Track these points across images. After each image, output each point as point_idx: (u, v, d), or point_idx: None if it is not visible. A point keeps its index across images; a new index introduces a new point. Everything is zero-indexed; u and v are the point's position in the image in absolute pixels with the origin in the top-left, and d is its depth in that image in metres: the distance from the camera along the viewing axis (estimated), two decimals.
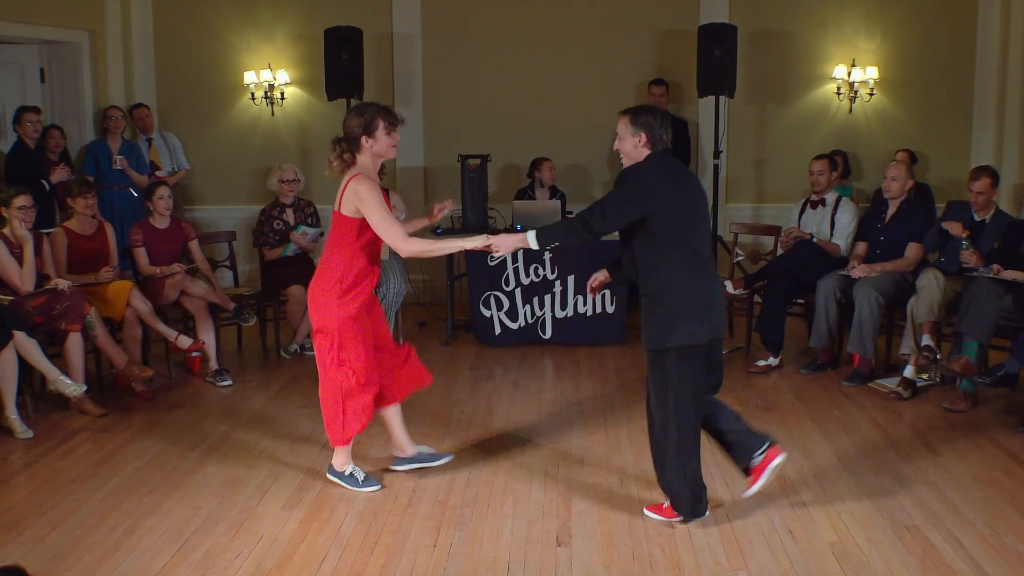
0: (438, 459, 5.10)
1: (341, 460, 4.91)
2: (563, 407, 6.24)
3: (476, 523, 4.47)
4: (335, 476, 4.93)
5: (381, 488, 4.86)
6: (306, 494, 4.84)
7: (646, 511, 4.51)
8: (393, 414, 5.03)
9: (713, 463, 4.89)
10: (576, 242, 4.47)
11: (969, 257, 6.27)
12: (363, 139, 4.67)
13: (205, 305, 6.98)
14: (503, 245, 4.49)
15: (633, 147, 4.34)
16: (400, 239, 4.54)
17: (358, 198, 4.54)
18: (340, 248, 4.67)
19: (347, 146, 4.71)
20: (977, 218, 6.58)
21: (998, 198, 7.04)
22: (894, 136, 9.55)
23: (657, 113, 4.39)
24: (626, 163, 4.36)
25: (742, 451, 4.52)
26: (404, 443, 5.08)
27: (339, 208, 4.66)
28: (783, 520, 4.46)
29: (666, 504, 4.46)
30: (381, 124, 4.66)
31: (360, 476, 4.89)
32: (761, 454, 4.47)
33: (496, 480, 4.98)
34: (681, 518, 4.41)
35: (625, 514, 4.55)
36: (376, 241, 4.68)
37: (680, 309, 4.21)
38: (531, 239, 4.39)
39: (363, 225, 4.61)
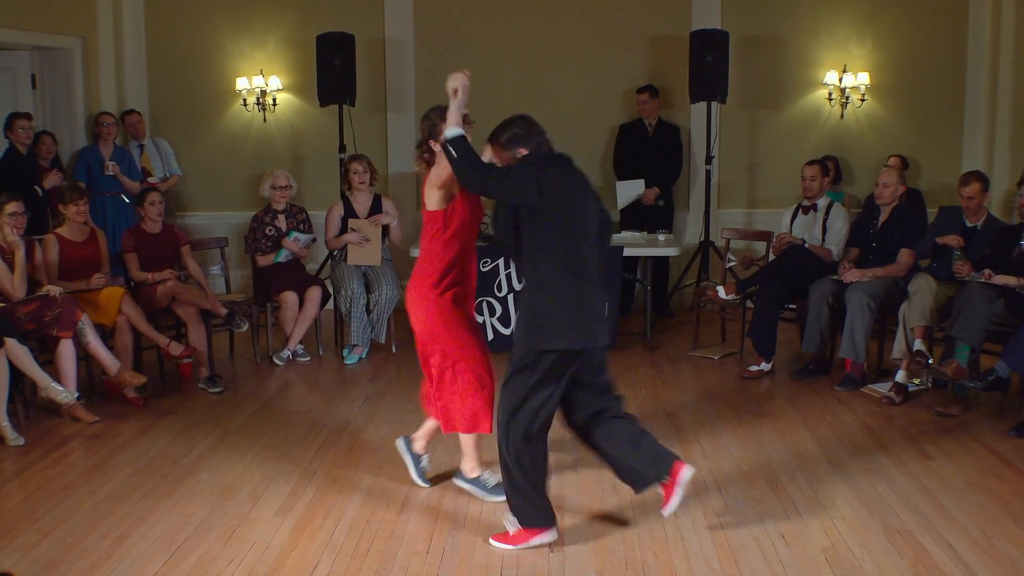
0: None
1: (470, 464, 4.87)
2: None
3: (468, 529, 4.47)
4: (464, 482, 4.89)
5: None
6: (298, 500, 4.83)
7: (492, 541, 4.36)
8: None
9: (703, 468, 4.88)
10: (462, 173, 4.45)
11: (961, 267, 6.27)
12: (431, 142, 4.80)
13: (197, 311, 6.96)
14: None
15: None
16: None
17: (433, 177, 4.65)
18: (432, 243, 4.68)
19: (425, 148, 4.87)
20: (969, 224, 6.60)
21: (989, 203, 7.05)
22: (886, 142, 9.56)
23: (517, 121, 4.55)
24: None
25: (640, 479, 4.38)
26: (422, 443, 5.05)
27: (424, 206, 4.73)
28: (776, 525, 4.46)
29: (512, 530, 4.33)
30: (441, 126, 4.76)
31: (491, 482, 4.84)
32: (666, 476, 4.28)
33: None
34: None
35: (618, 520, 4.55)
36: (464, 229, 4.67)
37: (553, 312, 4.14)
38: (450, 133, 4.55)
39: (448, 215, 4.64)
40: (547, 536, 4.27)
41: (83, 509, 4.74)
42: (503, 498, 4.44)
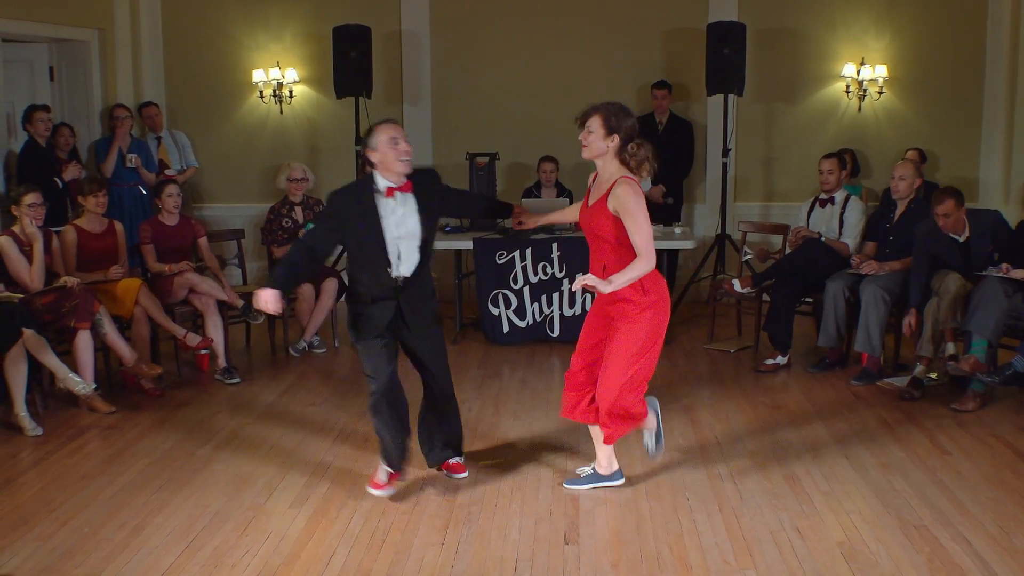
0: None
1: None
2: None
3: (484, 521, 4.48)
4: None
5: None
6: (314, 492, 4.85)
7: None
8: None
9: (723, 457, 4.87)
10: None
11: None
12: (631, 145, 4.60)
13: (214, 303, 6.99)
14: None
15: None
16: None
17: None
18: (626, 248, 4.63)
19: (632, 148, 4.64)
20: (960, 239, 6.48)
21: (995, 191, 6.93)
22: (903, 135, 9.52)
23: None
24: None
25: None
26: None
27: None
28: (791, 519, 4.45)
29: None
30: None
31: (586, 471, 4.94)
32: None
33: (504, 478, 4.99)
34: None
35: (633, 512, 4.55)
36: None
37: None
38: None
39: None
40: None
41: (100, 499, 4.77)
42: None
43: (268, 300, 4.47)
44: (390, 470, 4.77)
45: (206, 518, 4.54)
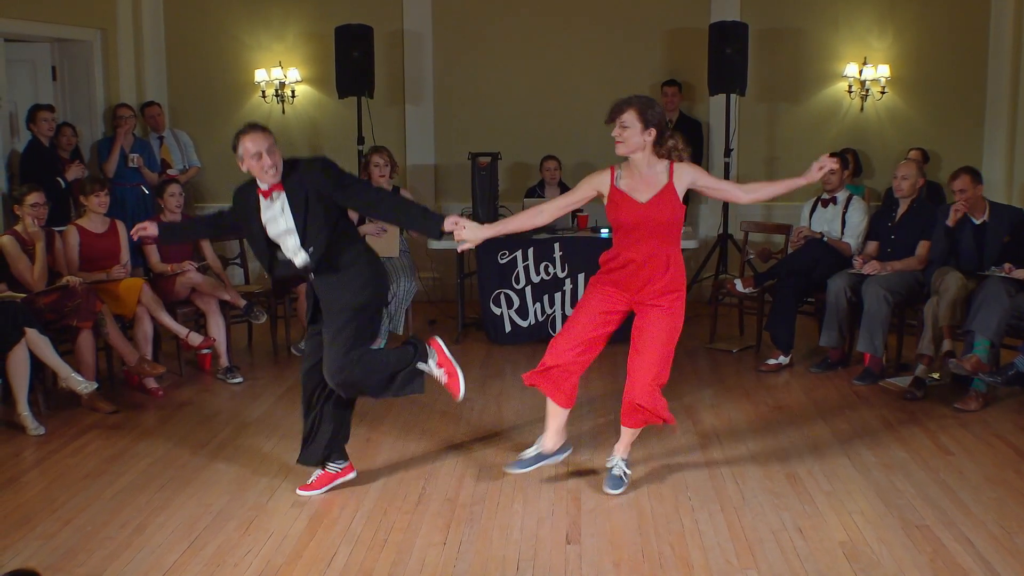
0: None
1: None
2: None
3: (486, 521, 4.48)
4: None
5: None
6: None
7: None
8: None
9: (727, 460, 4.86)
10: None
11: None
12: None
13: (216, 302, 6.99)
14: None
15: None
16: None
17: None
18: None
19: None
20: (977, 221, 6.51)
21: (999, 189, 6.95)
22: (905, 135, 9.52)
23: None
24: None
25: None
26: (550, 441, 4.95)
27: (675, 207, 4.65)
28: (793, 519, 4.45)
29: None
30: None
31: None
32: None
33: (506, 478, 4.98)
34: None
35: (635, 512, 4.55)
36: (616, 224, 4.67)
37: None
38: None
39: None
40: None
41: (102, 498, 4.77)
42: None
43: (147, 229, 5.12)
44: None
45: (208, 517, 4.54)
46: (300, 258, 4.62)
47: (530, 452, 4.93)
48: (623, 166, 4.62)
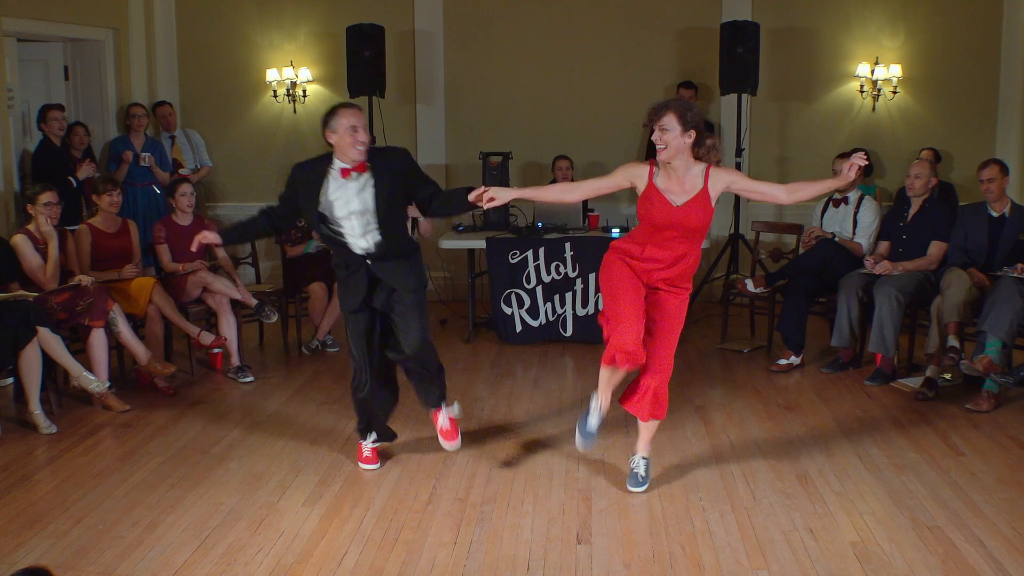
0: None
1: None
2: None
3: (496, 521, 4.48)
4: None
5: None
6: (327, 490, 4.86)
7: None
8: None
9: (745, 458, 4.85)
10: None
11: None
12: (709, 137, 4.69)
13: (227, 301, 7.00)
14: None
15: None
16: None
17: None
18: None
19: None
20: (995, 214, 6.51)
21: (1010, 189, 6.95)
22: (917, 134, 9.49)
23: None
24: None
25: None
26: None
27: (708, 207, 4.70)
28: (804, 520, 4.44)
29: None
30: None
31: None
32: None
33: (516, 478, 4.99)
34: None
35: (646, 512, 4.55)
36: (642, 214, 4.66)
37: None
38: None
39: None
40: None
41: (114, 497, 4.79)
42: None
43: (207, 237, 5.06)
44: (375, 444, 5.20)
45: (219, 516, 4.55)
46: (368, 240, 4.74)
47: (594, 421, 4.84)
48: (661, 163, 4.61)
